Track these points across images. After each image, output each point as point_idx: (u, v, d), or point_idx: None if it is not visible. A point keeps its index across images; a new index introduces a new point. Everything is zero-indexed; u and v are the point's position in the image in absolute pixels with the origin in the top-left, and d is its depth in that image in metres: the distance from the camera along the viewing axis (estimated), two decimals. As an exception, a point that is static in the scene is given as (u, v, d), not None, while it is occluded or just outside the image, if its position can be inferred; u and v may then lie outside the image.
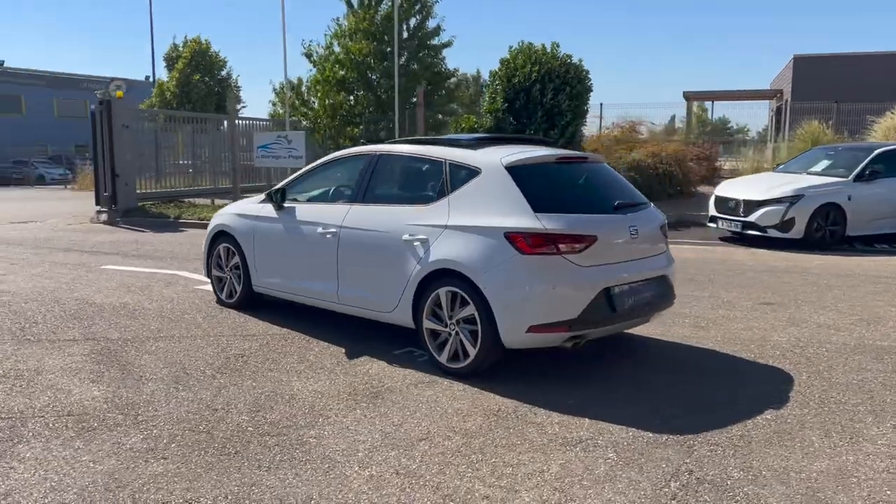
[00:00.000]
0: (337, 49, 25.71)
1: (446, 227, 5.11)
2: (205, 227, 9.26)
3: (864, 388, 4.92)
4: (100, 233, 13.75)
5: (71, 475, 3.57)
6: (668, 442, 4.01)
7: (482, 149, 5.45)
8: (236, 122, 19.12)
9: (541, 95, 16.60)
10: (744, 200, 11.73)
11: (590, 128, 22.27)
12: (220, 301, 7.23)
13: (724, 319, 6.74)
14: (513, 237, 4.79)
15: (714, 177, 19.33)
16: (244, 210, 6.94)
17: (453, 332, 5.06)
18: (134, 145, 16.09)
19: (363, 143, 23.99)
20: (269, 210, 6.56)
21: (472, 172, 5.23)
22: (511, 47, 17.48)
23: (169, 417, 4.33)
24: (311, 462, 3.75)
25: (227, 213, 7.19)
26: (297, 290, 6.38)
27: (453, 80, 27.85)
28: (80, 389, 4.79)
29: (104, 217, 15.44)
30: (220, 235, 7.15)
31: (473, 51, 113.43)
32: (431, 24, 24.52)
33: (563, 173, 5.48)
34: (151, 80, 43.49)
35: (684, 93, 31.21)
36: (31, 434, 4.06)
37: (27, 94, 51.48)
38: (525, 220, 4.83)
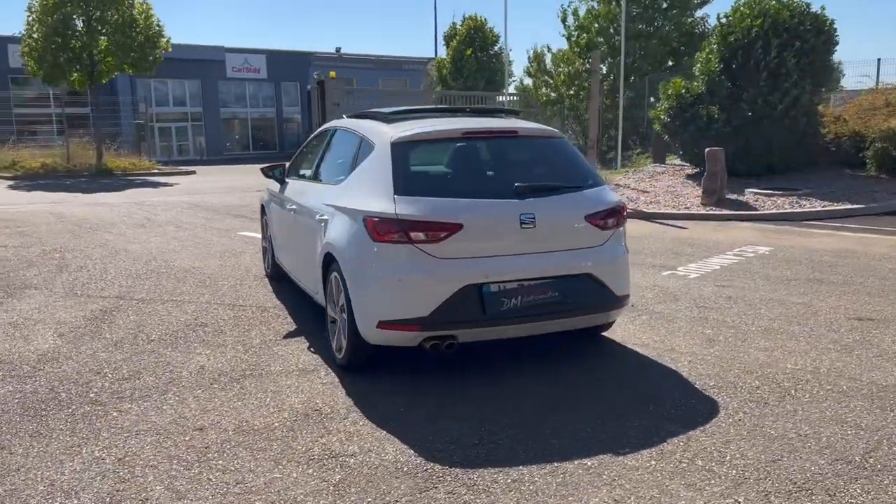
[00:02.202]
0: (582, 13, 24.90)
1: (337, 207, 4.78)
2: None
3: None
4: None
5: None
6: (418, 471, 3.34)
7: (398, 122, 4.93)
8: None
9: (763, 53, 14.31)
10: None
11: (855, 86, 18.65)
12: (265, 272, 7.62)
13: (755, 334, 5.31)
14: (368, 222, 4.31)
15: None
16: (271, 185, 7.20)
17: (339, 321, 4.75)
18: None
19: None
20: (275, 186, 6.73)
21: (370, 149, 4.79)
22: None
23: (55, 375, 4.74)
24: (77, 435, 3.84)
25: (267, 188, 7.52)
26: (283, 265, 6.50)
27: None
28: (40, 341, 5.46)
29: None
30: (262, 208, 7.53)
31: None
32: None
33: (469, 150, 4.76)
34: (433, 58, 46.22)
35: None
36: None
37: (359, 76, 58.34)
38: (382, 203, 4.31)
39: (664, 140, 17.25)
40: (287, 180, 6.45)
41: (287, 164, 6.66)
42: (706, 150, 12.88)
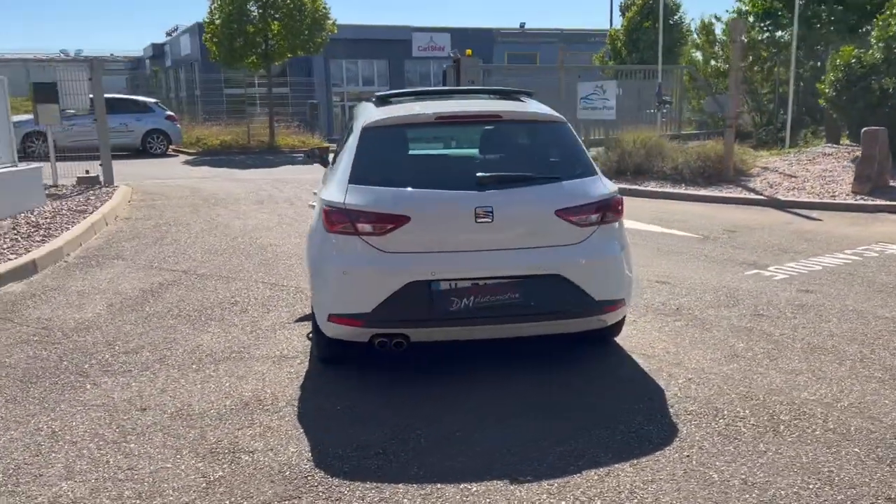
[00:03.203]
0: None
1: (316, 194, 4.69)
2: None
3: None
4: None
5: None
6: (297, 477, 3.18)
7: (387, 105, 4.71)
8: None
9: (954, 15, 12.18)
10: None
11: None
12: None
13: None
14: (323, 211, 4.18)
15: None
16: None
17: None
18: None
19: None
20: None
21: (350, 134, 4.64)
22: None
23: (75, 343, 5.12)
24: (41, 404, 4.10)
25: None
26: None
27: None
28: (88, 310, 5.93)
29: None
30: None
31: None
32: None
33: (442, 136, 4.44)
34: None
35: None
36: None
37: (542, 51, 57.73)
38: (336, 192, 4.15)
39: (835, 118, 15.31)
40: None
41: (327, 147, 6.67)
42: (863, 129, 11.22)
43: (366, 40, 41.07)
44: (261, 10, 24.09)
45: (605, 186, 4.23)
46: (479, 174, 4.06)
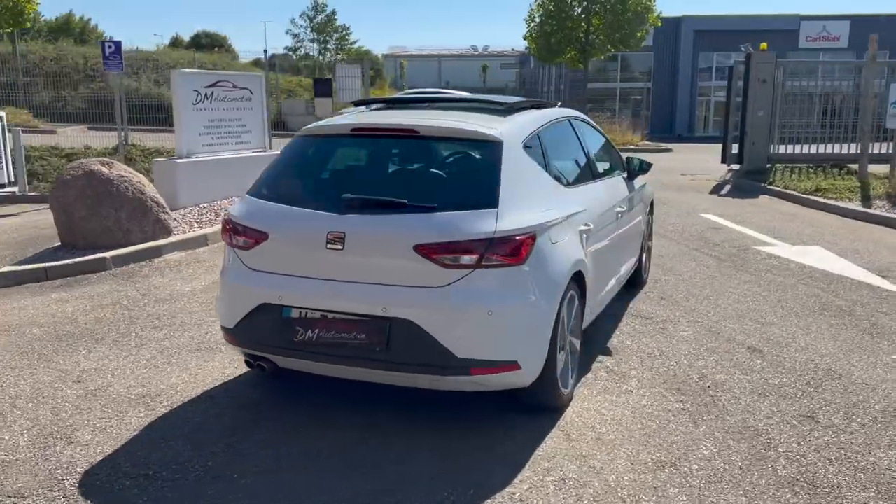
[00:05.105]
0: None
1: None
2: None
3: None
4: (711, 192, 13.46)
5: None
6: (66, 481, 3.23)
7: (351, 112, 4.41)
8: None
9: None
10: None
11: None
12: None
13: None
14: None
15: None
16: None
17: None
18: (769, 101, 14.76)
19: None
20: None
21: None
22: None
23: (144, 311, 5.86)
24: (47, 363, 4.79)
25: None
26: None
27: None
28: (196, 283, 6.69)
29: (728, 176, 15.07)
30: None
31: None
32: None
33: (350, 150, 3.98)
34: None
35: None
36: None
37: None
38: (238, 203, 4.05)
39: None
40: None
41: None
42: None
43: (745, 31, 38.28)
44: (582, 8, 24.01)
45: (498, 224, 3.42)
46: (345, 195, 3.61)
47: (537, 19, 24.17)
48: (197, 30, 64.30)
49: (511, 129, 3.92)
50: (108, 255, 7.29)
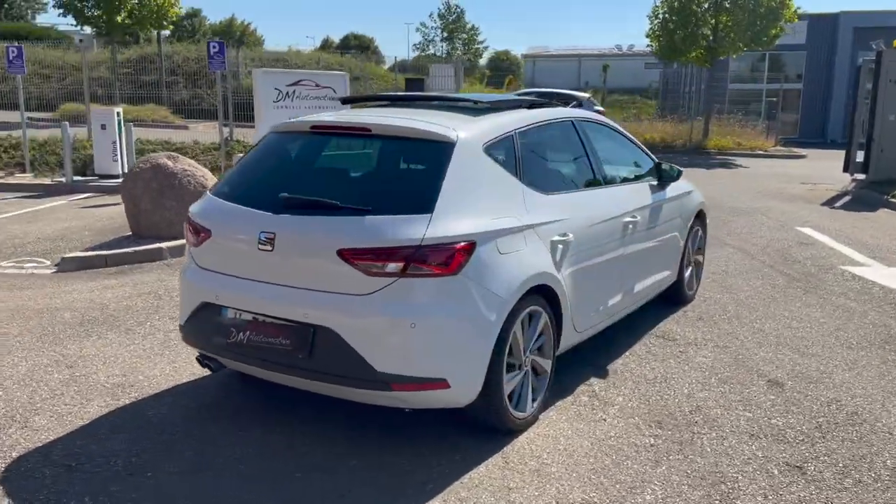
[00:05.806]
0: None
1: None
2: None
3: None
4: (823, 203, 12.34)
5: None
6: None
7: (336, 110, 4.30)
8: None
9: None
10: None
11: None
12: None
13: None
14: None
15: None
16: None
17: None
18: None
19: None
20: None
21: None
22: None
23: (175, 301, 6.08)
24: (58, 342, 5.05)
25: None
26: None
27: None
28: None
29: (851, 187, 13.66)
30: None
31: None
32: None
33: (307, 148, 3.82)
34: None
35: None
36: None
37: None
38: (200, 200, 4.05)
39: None
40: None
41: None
42: None
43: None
44: (711, 4, 22.58)
45: (429, 230, 3.19)
46: (282, 194, 3.49)
47: (661, 16, 23.08)
48: (346, 32, 66.84)
49: (473, 131, 3.66)
50: (164, 245, 7.62)
